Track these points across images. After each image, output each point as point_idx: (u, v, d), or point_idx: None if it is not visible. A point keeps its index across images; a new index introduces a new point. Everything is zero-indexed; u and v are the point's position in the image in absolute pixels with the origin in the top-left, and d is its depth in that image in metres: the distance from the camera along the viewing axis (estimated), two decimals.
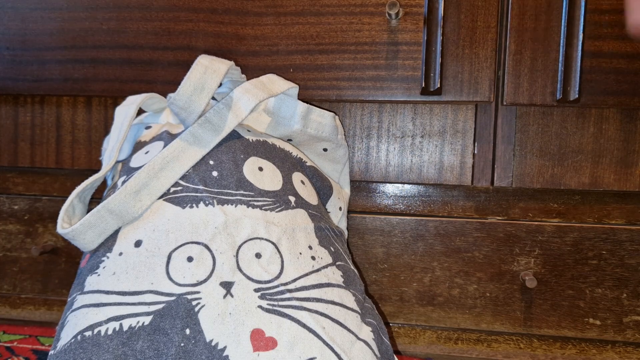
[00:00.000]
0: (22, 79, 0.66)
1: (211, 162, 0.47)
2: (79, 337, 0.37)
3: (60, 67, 0.65)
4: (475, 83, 0.58)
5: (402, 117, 0.63)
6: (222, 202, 0.44)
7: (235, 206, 0.44)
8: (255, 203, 0.45)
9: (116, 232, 0.43)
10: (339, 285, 0.44)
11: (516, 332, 0.63)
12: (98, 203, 0.61)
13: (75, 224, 0.43)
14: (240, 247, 0.42)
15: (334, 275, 0.45)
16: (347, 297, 0.44)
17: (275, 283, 0.41)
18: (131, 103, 0.54)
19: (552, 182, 0.61)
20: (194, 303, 0.38)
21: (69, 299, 0.42)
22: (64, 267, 0.71)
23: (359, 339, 0.41)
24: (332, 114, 0.56)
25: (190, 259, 0.40)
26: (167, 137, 0.50)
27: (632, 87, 0.56)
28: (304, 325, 0.39)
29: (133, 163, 0.49)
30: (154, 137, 0.52)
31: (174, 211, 0.43)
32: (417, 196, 0.65)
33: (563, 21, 0.56)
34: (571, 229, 0.61)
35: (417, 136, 0.63)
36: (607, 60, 0.56)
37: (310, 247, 0.45)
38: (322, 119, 0.55)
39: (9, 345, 0.65)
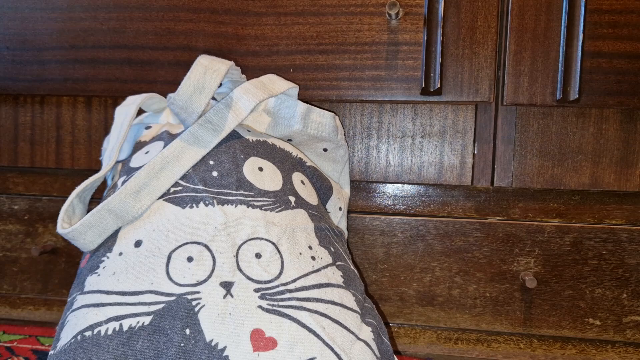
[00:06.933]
0: (22, 79, 0.66)
1: (211, 162, 0.47)
2: (79, 337, 0.37)
3: (60, 67, 0.65)
4: (475, 83, 0.58)
5: (402, 117, 0.63)
6: (222, 202, 0.44)
7: (235, 206, 0.44)
8: (255, 203, 0.45)
9: (116, 232, 0.43)
10: (339, 286, 0.44)
11: (516, 332, 0.63)
12: (98, 203, 0.61)
13: (75, 224, 0.43)
14: (240, 247, 0.42)
15: (334, 275, 0.45)
16: (347, 297, 0.44)
17: (275, 283, 0.41)
18: (131, 103, 0.54)
19: (552, 182, 0.61)
20: (194, 303, 0.38)
21: (69, 299, 0.42)
22: (64, 267, 0.71)
23: (359, 339, 0.41)
24: (332, 114, 0.56)
25: (190, 259, 0.40)
26: (167, 137, 0.50)
27: (632, 87, 0.56)
28: (304, 326, 0.39)
29: (133, 163, 0.49)
30: (154, 137, 0.52)
31: (174, 211, 0.43)
32: (417, 196, 0.65)
33: (563, 21, 0.56)
34: (571, 229, 0.61)
35: (417, 136, 0.63)
36: (607, 60, 0.56)
37: (310, 247, 0.45)
38: (322, 119, 0.55)
39: (9, 345, 0.65)
